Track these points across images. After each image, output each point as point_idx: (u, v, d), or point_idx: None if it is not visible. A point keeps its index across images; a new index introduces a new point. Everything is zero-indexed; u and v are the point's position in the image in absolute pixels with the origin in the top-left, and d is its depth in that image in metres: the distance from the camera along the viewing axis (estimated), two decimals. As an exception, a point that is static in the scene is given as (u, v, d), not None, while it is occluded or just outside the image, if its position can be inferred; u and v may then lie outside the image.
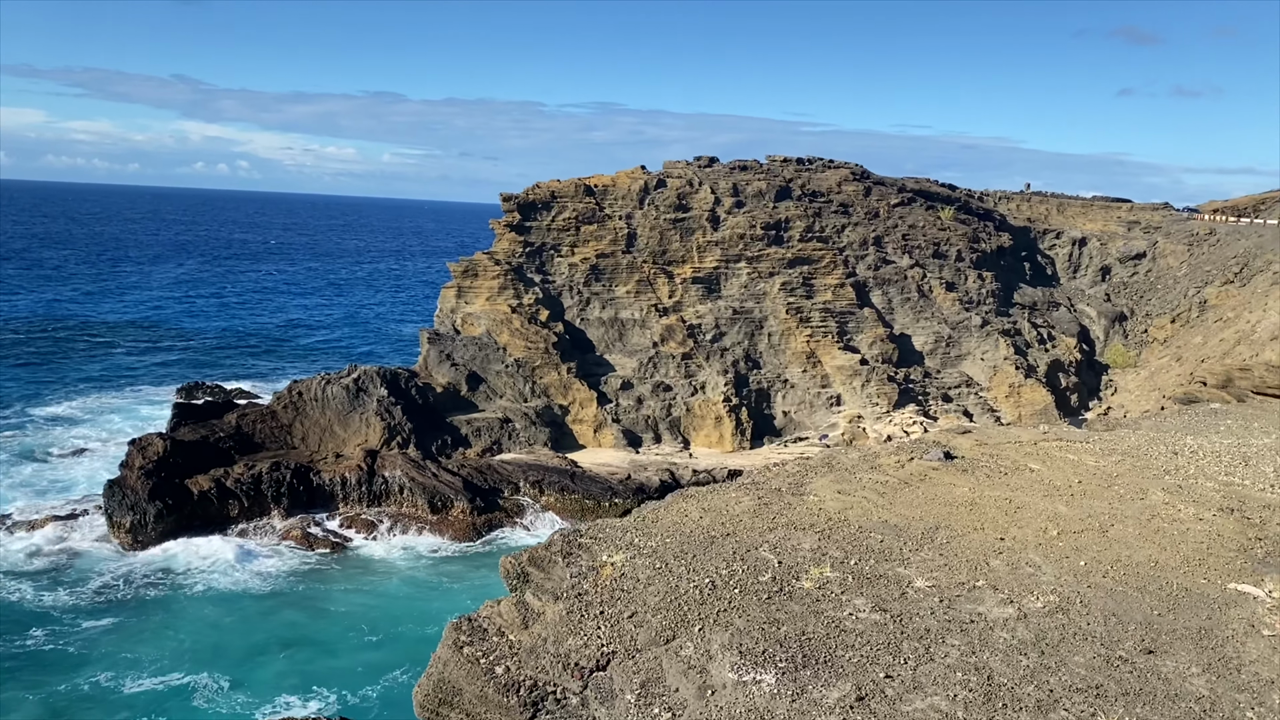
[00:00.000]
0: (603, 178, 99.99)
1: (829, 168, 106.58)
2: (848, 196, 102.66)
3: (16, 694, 47.00)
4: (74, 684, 48.20)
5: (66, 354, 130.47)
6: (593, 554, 18.95)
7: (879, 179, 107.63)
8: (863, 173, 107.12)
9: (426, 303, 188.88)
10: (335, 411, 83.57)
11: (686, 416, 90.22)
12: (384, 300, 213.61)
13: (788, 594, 16.41)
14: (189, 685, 48.24)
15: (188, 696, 47.53)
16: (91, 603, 57.76)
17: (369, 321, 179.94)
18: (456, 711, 16.11)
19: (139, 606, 57.72)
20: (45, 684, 48.04)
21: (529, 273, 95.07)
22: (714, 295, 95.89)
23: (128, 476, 71.14)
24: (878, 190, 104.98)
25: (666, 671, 14.54)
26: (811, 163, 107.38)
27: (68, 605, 57.11)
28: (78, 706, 46.31)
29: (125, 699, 47.20)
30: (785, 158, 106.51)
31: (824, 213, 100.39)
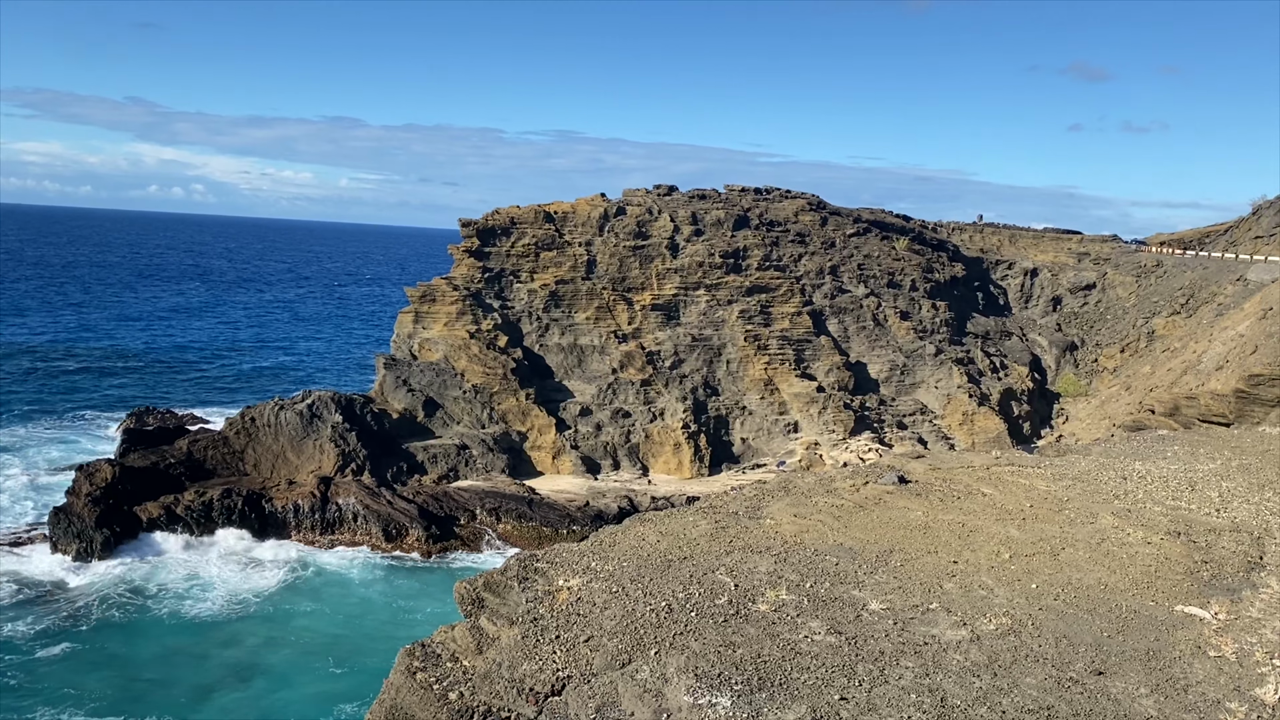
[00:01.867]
0: (563, 204, 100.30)
1: (786, 198, 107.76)
2: (804, 226, 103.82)
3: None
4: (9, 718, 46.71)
5: (13, 378, 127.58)
6: (549, 578, 18.82)
7: (835, 209, 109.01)
8: (819, 203, 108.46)
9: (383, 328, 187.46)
10: (288, 438, 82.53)
11: (645, 443, 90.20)
12: (339, 325, 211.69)
13: (744, 617, 16.40)
14: None
15: None
16: (34, 632, 56.17)
17: (324, 347, 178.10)
18: (408, 739, 15.85)
19: (87, 636, 56.25)
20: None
21: (488, 298, 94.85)
22: (673, 322, 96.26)
23: (74, 503, 69.72)
24: (834, 220, 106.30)
25: (622, 696, 14.44)
26: (769, 193, 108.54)
27: (9, 634, 55.42)
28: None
29: None
30: (743, 187, 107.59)
31: (781, 242, 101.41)
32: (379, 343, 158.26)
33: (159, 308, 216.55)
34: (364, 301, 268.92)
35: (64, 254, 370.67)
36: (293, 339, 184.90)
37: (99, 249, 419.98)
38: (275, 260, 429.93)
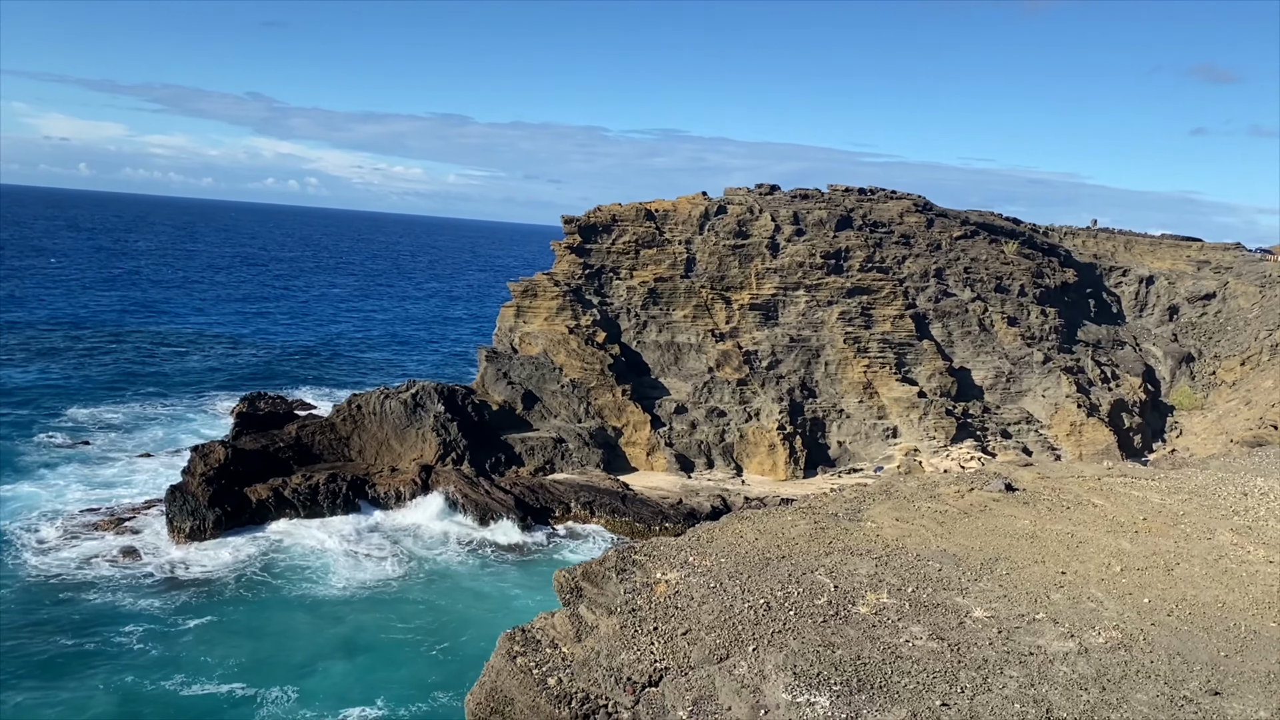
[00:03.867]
0: (663, 203, 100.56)
1: (891, 198, 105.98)
2: (909, 228, 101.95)
3: (85, 690, 48.08)
4: (140, 684, 49.10)
5: (136, 360, 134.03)
6: (647, 571, 18.99)
7: (942, 211, 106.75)
8: (925, 204, 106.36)
9: (485, 321, 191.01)
10: (392, 426, 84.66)
11: (740, 443, 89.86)
12: (443, 317, 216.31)
13: (843, 618, 16.30)
14: (255, 695, 48.95)
15: (251, 703, 48.24)
16: (172, 607, 58.77)
17: (428, 338, 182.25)
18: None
19: (213, 610, 58.57)
20: (113, 682, 48.98)
21: (587, 294, 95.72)
22: (771, 322, 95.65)
23: (189, 482, 72.65)
24: (940, 222, 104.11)
25: (719, 690, 14.52)
26: (874, 193, 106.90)
27: (144, 608, 58.12)
28: (144, 706, 47.13)
29: (190, 701, 48.04)
30: (847, 187, 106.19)
31: (885, 243, 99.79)
32: (482, 335, 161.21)
33: (271, 297, 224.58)
34: (468, 295, 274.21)
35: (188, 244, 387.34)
36: (398, 330, 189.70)
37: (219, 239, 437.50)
38: (384, 253, 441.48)
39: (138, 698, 47.93)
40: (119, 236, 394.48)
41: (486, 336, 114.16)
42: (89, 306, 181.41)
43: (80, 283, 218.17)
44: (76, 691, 47.82)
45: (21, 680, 48.31)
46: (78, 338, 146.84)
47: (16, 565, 62.69)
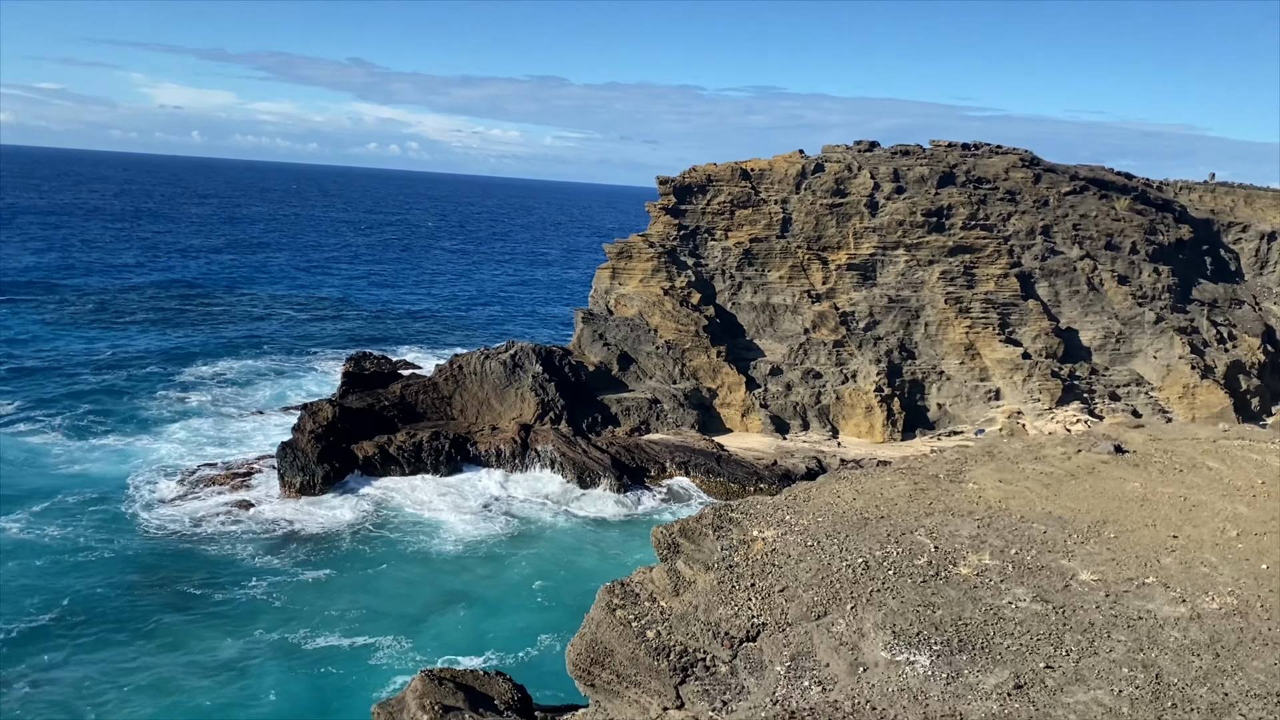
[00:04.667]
0: (759, 162, 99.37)
1: (996, 153, 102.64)
2: (1015, 184, 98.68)
3: (213, 640, 50.73)
4: (266, 635, 51.58)
5: (249, 321, 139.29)
6: (743, 529, 19.08)
7: (1049, 166, 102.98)
8: (1032, 159, 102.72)
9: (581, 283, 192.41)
10: (493, 385, 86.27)
11: (836, 405, 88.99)
12: (540, 279, 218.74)
13: (944, 579, 16.14)
14: (373, 644, 51.08)
15: (370, 651, 50.41)
16: (275, 559, 61.42)
17: (526, 299, 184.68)
18: (607, 671, 16.55)
19: (322, 563, 61.00)
20: (240, 632, 51.52)
21: (682, 256, 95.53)
22: (869, 283, 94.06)
23: (299, 439, 75.36)
24: (1048, 178, 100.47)
25: (817, 646, 14.56)
26: (978, 148, 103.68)
27: (263, 563, 60.76)
28: (271, 655, 49.54)
29: (314, 651, 50.38)
30: (950, 143, 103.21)
31: (989, 200, 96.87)
32: (578, 297, 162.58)
33: (375, 260, 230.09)
34: (564, 257, 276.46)
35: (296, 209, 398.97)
36: (497, 291, 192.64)
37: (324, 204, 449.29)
38: (483, 217, 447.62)
39: (265, 647, 50.37)
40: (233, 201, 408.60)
41: (583, 298, 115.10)
42: (205, 270, 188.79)
43: (196, 247, 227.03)
44: (205, 640, 50.45)
45: (151, 630, 51.15)
46: (195, 300, 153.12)
47: (139, 519, 66.10)
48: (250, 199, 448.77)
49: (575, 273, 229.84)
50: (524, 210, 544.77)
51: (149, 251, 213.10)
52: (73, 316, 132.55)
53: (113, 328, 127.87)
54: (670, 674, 15.52)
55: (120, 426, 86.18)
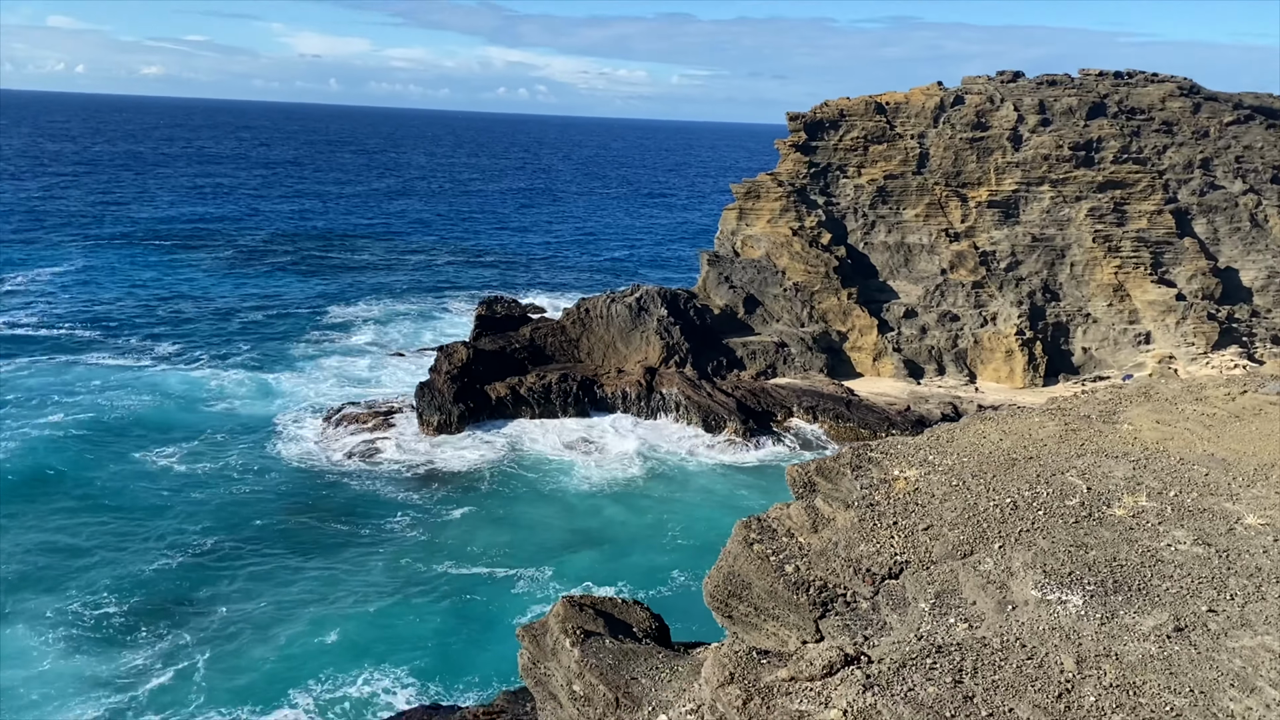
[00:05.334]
0: (895, 95, 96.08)
1: (1151, 82, 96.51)
2: (1172, 114, 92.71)
3: (364, 569, 53.54)
4: (413, 565, 54.09)
5: (386, 267, 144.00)
6: (883, 468, 18.76)
7: (1210, 94, 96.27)
8: (1191, 87, 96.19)
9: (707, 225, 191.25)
10: (618, 329, 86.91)
11: (974, 349, 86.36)
12: (666, 221, 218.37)
13: (1097, 520, 15.53)
14: (514, 574, 53.14)
15: (512, 580, 52.51)
16: (417, 495, 63.89)
17: (651, 242, 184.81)
18: (744, 604, 16.60)
19: (463, 500, 63.17)
20: (390, 563, 54.16)
21: (812, 194, 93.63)
22: (1011, 220, 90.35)
23: (436, 379, 77.73)
24: (1208, 107, 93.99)
25: (963, 584, 14.25)
26: (1131, 77, 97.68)
27: (406, 499, 63.25)
28: (419, 583, 52.12)
29: (459, 579, 52.71)
30: (1100, 72, 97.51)
31: (1143, 132, 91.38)
32: (703, 239, 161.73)
33: (504, 206, 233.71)
34: (690, 198, 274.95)
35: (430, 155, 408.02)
36: (622, 235, 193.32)
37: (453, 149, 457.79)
38: (608, 159, 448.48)
39: (413, 576, 52.88)
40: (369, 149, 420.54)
41: (708, 240, 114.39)
42: (345, 216, 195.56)
43: (335, 194, 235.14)
44: (356, 569, 53.19)
45: (306, 558, 54.12)
46: (336, 245, 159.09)
47: (286, 455, 69.56)
48: (384, 146, 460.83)
49: (701, 214, 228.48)
50: (650, 152, 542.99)
51: (292, 198, 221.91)
52: (223, 261, 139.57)
53: (260, 272, 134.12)
54: (810, 608, 15.47)
55: (268, 366, 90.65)
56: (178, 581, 50.67)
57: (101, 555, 52.87)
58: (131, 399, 78.34)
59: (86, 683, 41.97)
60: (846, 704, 11.51)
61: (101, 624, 46.52)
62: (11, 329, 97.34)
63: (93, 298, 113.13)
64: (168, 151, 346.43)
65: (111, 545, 54.04)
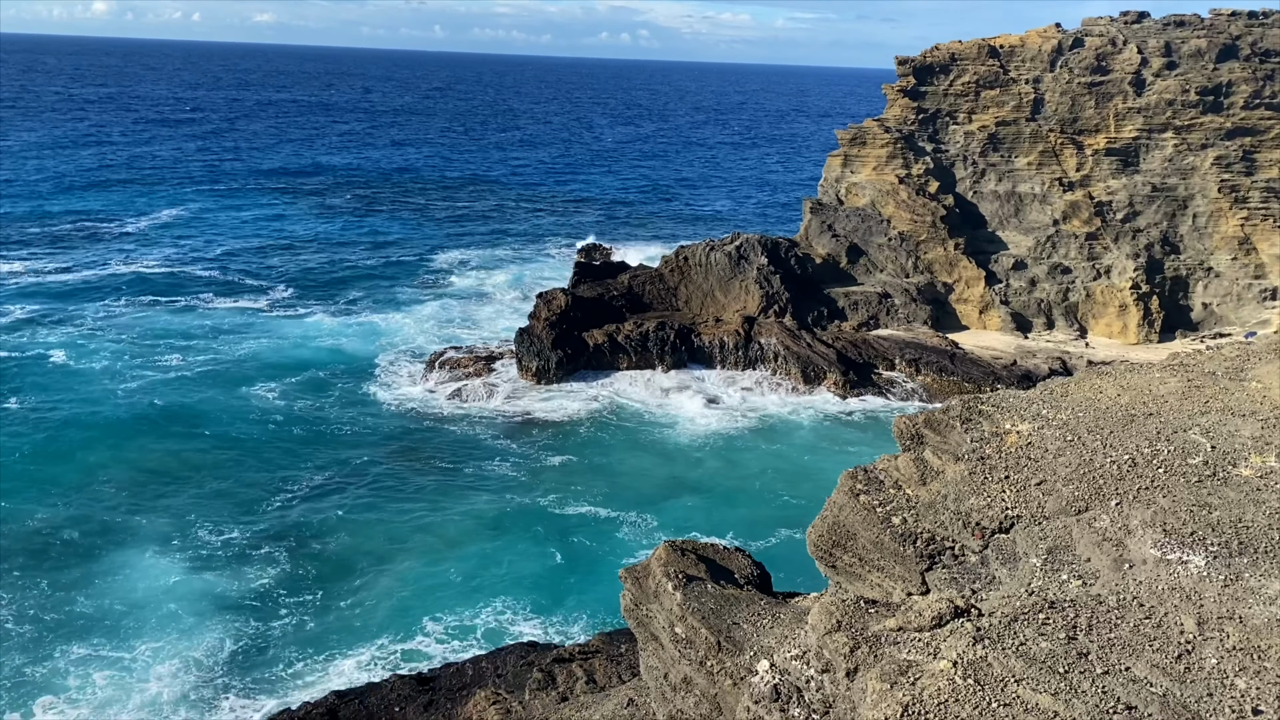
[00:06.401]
0: (1009, 38, 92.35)
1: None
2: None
3: (470, 504, 55.41)
4: (518, 501, 55.88)
5: (488, 211, 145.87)
6: (995, 421, 18.35)
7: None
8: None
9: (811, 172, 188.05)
10: (717, 277, 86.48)
11: (1085, 302, 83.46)
12: (769, 168, 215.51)
13: (1222, 480, 14.95)
14: (617, 517, 54.24)
15: (614, 525, 53.60)
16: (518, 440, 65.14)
17: (753, 189, 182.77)
18: (849, 555, 16.53)
19: (563, 448, 64.22)
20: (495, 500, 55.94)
21: (920, 141, 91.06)
22: (1130, 169, 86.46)
23: (535, 326, 78.70)
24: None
25: (1077, 541, 13.92)
26: (1267, 16, 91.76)
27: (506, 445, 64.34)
28: (524, 518, 53.85)
29: (564, 517, 54.19)
30: (1234, 11, 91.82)
31: (1278, 75, 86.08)
32: (807, 187, 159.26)
33: (601, 152, 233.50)
34: (795, 145, 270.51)
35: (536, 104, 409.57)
36: (723, 182, 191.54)
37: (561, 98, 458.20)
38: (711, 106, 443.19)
39: (519, 508, 54.65)
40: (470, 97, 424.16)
41: (812, 188, 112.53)
42: (448, 163, 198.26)
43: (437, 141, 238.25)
44: (462, 505, 54.93)
45: (409, 498, 55.99)
46: (439, 191, 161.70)
47: (391, 397, 71.68)
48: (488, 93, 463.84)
49: (805, 161, 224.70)
50: (754, 96, 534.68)
51: (397, 146, 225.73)
52: (333, 208, 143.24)
53: (367, 217, 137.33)
54: (916, 560, 15.33)
55: (375, 308, 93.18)
56: (294, 514, 53.04)
57: (220, 487, 55.63)
58: (247, 342, 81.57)
59: (216, 601, 44.44)
60: (957, 655, 11.42)
61: (227, 548, 49.18)
62: (131, 271, 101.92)
63: (210, 241, 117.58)
64: (278, 99, 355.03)
65: (230, 479, 56.78)
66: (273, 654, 41.19)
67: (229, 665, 40.24)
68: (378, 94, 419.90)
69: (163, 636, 41.65)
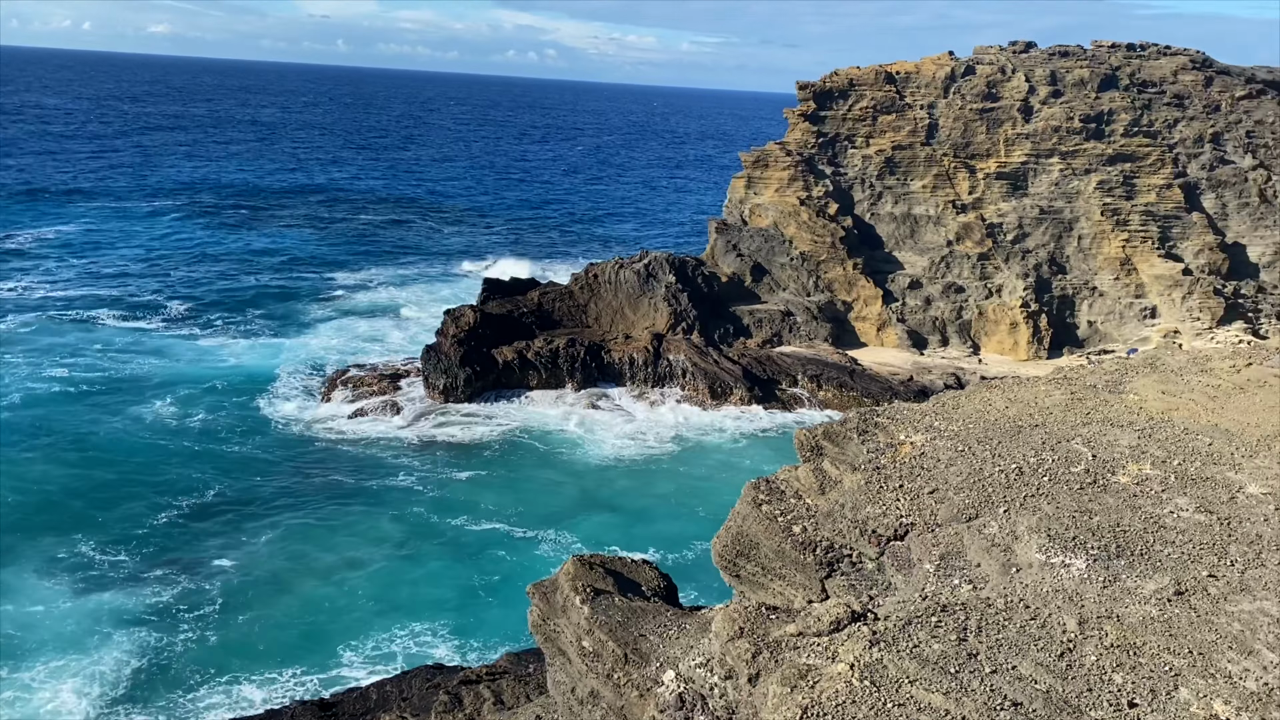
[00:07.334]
0: (905, 65, 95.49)
1: (1164, 54, 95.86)
2: (1184, 87, 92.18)
3: (374, 518, 54.52)
4: (426, 516, 55.12)
5: (395, 227, 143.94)
6: (890, 433, 19.01)
7: (1223, 68, 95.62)
8: (1204, 60, 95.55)
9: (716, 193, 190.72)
10: (626, 295, 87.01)
11: (978, 320, 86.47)
12: (675, 189, 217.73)
13: (1102, 486, 15.79)
14: (535, 535, 53.84)
15: (530, 542, 53.15)
16: (424, 456, 64.30)
17: (660, 209, 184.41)
18: (752, 564, 16.92)
19: (471, 464, 63.55)
20: (401, 514, 55.19)
21: (820, 164, 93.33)
22: (1019, 193, 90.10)
23: (442, 343, 77.88)
24: (1220, 80, 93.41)
25: (968, 547, 14.54)
26: (1144, 49, 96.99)
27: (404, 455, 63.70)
28: (432, 535, 53.12)
29: (476, 534, 53.63)
30: (1114, 44, 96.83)
31: (1154, 105, 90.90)
32: (712, 207, 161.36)
33: (511, 170, 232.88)
34: (699, 166, 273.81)
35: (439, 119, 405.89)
36: (631, 202, 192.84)
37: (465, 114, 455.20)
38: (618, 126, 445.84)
39: (426, 527, 53.88)
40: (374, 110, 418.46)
41: (717, 208, 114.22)
42: (353, 178, 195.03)
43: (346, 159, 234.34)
44: (367, 518, 54.13)
45: (311, 515, 54.75)
46: (343, 207, 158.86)
47: (292, 414, 70.06)
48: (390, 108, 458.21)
49: (710, 182, 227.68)
50: (659, 119, 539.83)
51: (300, 161, 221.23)
52: (230, 222, 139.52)
53: (268, 233, 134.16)
54: (816, 568, 15.78)
55: (276, 326, 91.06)
56: (189, 534, 51.49)
57: (107, 504, 53.78)
58: (140, 360, 78.82)
59: (113, 622, 42.98)
60: (853, 658, 11.82)
61: (118, 568, 47.48)
62: (18, 288, 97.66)
63: (102, 258, 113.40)
64: (176, 112, 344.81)
65: (119, 495, 54.89)
66: (175, 673, 40.05)
67: (132, 684, 39.18)
68: (279, 108, 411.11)
69: (63, 656, 40.27)
